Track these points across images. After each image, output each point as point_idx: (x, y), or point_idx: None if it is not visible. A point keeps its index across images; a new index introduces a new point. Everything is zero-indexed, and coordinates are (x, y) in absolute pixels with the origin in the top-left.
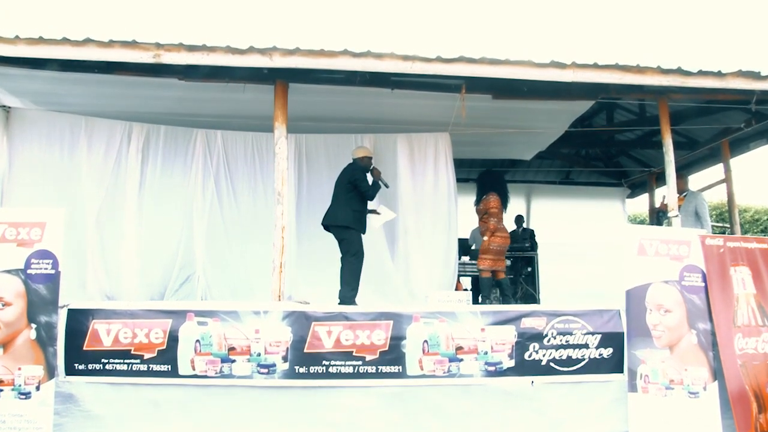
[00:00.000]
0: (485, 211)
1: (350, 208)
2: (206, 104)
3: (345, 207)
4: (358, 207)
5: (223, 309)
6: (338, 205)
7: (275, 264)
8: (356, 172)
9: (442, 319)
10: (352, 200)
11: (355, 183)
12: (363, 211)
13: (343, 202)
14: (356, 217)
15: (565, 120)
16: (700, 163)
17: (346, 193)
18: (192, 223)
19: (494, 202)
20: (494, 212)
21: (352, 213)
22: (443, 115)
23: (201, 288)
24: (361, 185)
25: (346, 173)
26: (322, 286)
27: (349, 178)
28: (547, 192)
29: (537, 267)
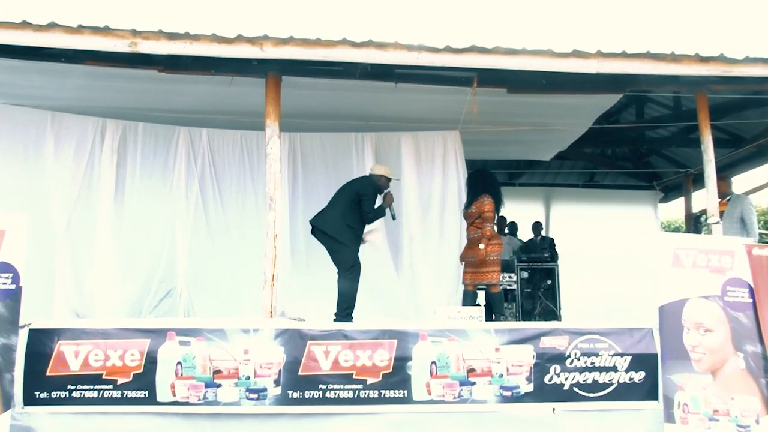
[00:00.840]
0: (479, 214)
1: (345, 221)
2: (190, 99)
3: (340, 218)
4: (354, 223)
5: (208, 327)
6: (333, 212)
7: (267, 276)
8: (367, 187)
9: (451, 337)
10: (350, 214)
11: (360, 198)
12: (357, 229)
13: (339, 211)
14: (349, 233)
15: (589, 116)
16: (746, 163)
17: (347, 203)
18: (174, 231)
19: (490, 205)
20: (489, 216)
21: (345, 227)
22: (452, 112)
23: (183, 303)
24: (366, 203)
25: (356, 184)
26: (319, 300)
27: (358, 189)
28: (569, 196)
29: (557, 280)
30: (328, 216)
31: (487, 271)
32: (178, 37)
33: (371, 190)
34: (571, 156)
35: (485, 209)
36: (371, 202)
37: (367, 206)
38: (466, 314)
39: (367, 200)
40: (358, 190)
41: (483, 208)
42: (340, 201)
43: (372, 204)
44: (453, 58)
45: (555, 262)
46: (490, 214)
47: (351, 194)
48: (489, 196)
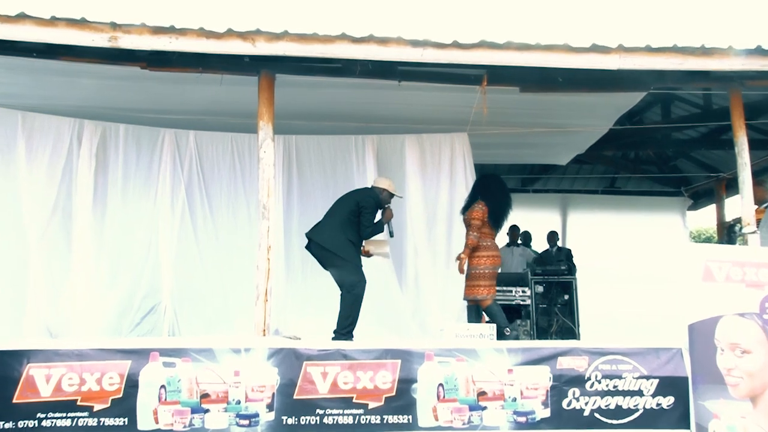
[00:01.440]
0: (469, 222)
1: (345, 235)
2: (176, 99)
3: (339, 231)
4: (352, 237)
5: (195, 346)
6: (331, 225)
7: (259, 291)
8: (369, 199)
9: (460, 357)
10: (350, 227)
11: (361, 210)
12: (356, 243)
13: (339, 223)
14: (349, 248)
15: (610, 116)
16: None
17: (347, 215)
18: (158, 242)
19: (477, 213)
20: (475, 224)
21: (345, 242)
22: (460, 112)
23: (168, 321)
24: (366, 216)
25: (357, 195)
26: (316, 317)
27: (359, 201)
28: (588, 203)
29: (575, 294)
30: (325, 228)
31: (473, 285)
32: (163, 31)
33: (372, 203)
34: (589, 159)
35: (471, 216)
36: (371, 216)
37: (367, 219)
38: (475, 332)
39: (368, 213)
40: (360, 201)
41: (469, 215)
42: (339, 212)
43: (372, 218)
44: (461, 54)
45: (572, 275)
46: (476, 221)
47: (351, 205)
48: (482, 202)
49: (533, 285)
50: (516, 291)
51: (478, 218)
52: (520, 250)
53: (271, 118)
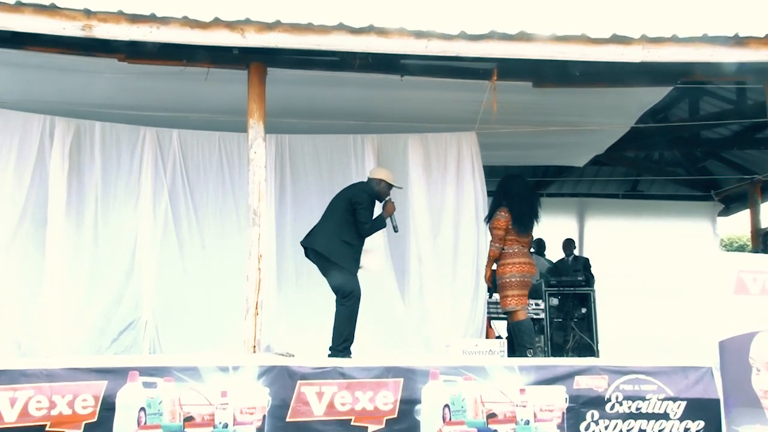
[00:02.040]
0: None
1: (339, 237)
2: (158, 94)
3: (333, 233)
4: (350, 238)
5: (179, 364)
6: (325, 228)
7: (249, 304)
8: (362, 194)
9: (468, 376)
10: (346, 227)
11: (355, 207)
12: (355, 246)
13: (332, 225)
14: (345, 251)
15: (632, 113)
16: None
17: (341, 215)
18: (139, 251)
19: (498, 222)
20: (496, 234)
21: (340, 244)
22: (468, 110)
23: (149, 337)
24: (362, 213)
25: (349, 191)
26: (311, 332)
27: (352, 197)
28: (607, 208)
29: (594, 307)
30: (319, 232)
31: (502, 295)
32: (142, 20)
33: (367, 198)
34: (609, 161)
35: (492, 225)
36: (368, 212)
37: (363, 216)
38: (484, 348)
39: (363, 209)
40: (352, 197)
41: (491, 224)
42: (333, 213)
43: (369, 214)
44: (468, 46)
45: (591, 287)
46: (498, 231)
47: (344, 203)
48: (504, 209)
49: (547, 297)
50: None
51: (500, 227)
52: (533, 259)
53: (263, 116)
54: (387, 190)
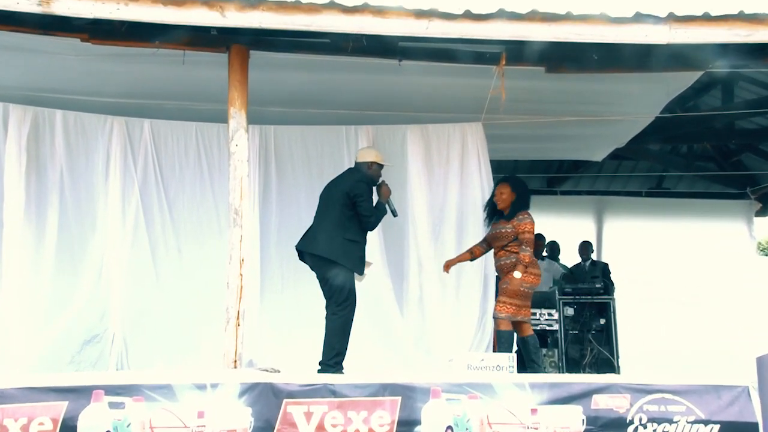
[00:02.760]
0: (515, 235)
1: (341, 235)
2: (127, 79)
3: (333, 232)
4: (353, 235)
5: (149, 382)
6: (323, 228)
7: (230, 314)
8: (360, 184)
9: (473, 394)
10: (348, 223)
11: (355, 200)
12: (360, 242)
13: (331, 224)
14: (348, 250)
15: (657, 102)
16: None
17: (339, 210)
18: (105, 254)
19: (531, 225)
20: (530, 239)
21: (342, 243)
22: (474, 98)
23: (116, 351)
24: (363, 205)
25: (344, 183)
26: (299, 346)
27: (350, 190)
28: (629, 207)
29: (614, 318)
30: (318, 234)
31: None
32: None
33: (365, 188)
34: (631, 155)
35: (526, 229)
36: (369, 203)
37: (366, 208)
38: (492, 363)
39: (363, 201)
40: (350, 190)
41: (523, 228)
42: (329, 210)
43: (370, 204)
44: (474, 26)
45: (610, 295)
46: (531, 236)
47: (341, 198)
48: (529, 213)
49: (562, 307)
50: (541, 314)
51: (533, 231)
52: (545, 264)
53: (245, 104)
54: (379, 171)
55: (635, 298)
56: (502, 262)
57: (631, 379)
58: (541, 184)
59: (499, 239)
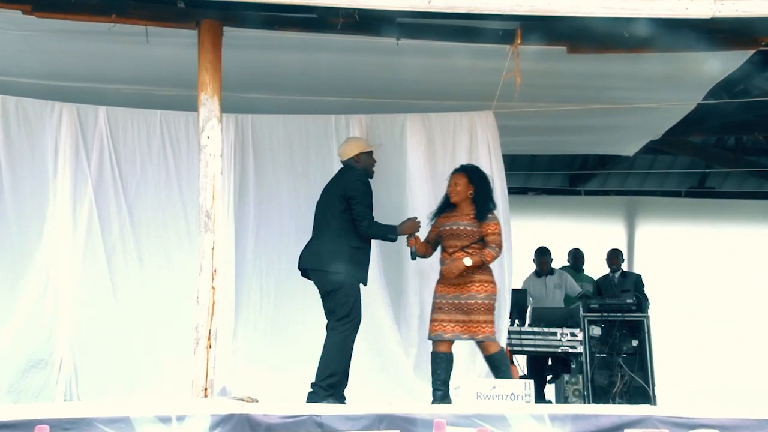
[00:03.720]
0: (480, 236)
1: (346, 243)
2: (79, 60)
3: (336, 242)
4: (357, 242)
5: (104, 415)
6: (325, 239)
7: (200, 334)
8: (356, 183)
9: (483, 427)
10: (349, 229)
11: (350, 201)
12: (364, 248)
13: (333, 233)
14: (354, 259)
15: (699, 86)
16: None
17: (339, 217)
18: (52, 265)
19: (500, 226)
20: (500, 242)
21: (346, 250)
22: (484, 83)
23: (64, 379)
24: (358, 207)
25: (337, 184)
26: (280, 371)
27: (343, 191)
28: (665, 210)
29: (648, 339)
30: (319, 246)
31: (481, 321)
32: None
33: (360, 186)
34: (668, 148)
35: (497, 231)
36: (364, 204)
37: (359, 211)
38: (505, 391)
39: (357, 202)
40: (345, 192)
41: (494, 229)
42: (328, 219)
43: (366, 206)
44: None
45: (644, 312)
46: (501, 238)
47: (338, 203)
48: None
49: (587, 325)
50: (563, 334)
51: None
52: (556, 278)
53: (218, 90)
54: (371, 160)
55: (673, 315)
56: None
57: (670, 411)
58: (563, 182)
59: (458, 238)
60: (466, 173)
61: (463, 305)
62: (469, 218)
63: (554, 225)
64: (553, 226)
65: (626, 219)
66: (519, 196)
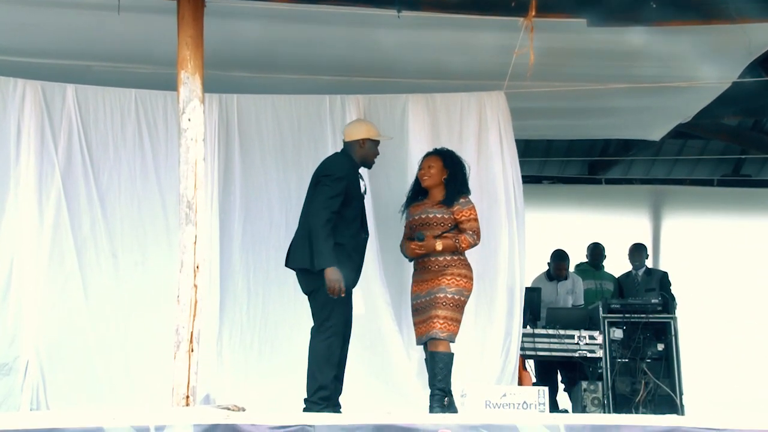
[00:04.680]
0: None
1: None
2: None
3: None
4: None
5: (75, 425)
6: (303, 232)
7: (181, 337)
8: (330, 166)
9: None
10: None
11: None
12: (345, 245)
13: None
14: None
15: (734, 62)
16: None
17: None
18: (16, 261)
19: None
20: (478, 228)
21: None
22: (494, 61)
23: (30, 385)
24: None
25: (320, 166)
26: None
27: (318, 172)
28: (695, 200)
29: (675, 343)
30: (297, 240)
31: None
32: None
33: (339, 170)
34: (700, 132)
35: (473, 216)
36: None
37: (319, 200)
38: (517, 399)
39: (324, 185)
40: (319, 171)
41: (469, 215)
42: (307, 207)
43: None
44: None
45: (671, 313)
46: (478, 224)
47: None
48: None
49: (608, 328)
50: (580, 337)
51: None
52: (569, 284)
53: (200, 67)
54: (375, 150)
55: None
56: (432, 257)
57: (699, 422)
58: (581, 170)
59: (429, 227)
60: (441, 156)
61: (432, 300)
62: (440, 205)
63: (572, 217)
64: (570, 218)
65: (651, 210)
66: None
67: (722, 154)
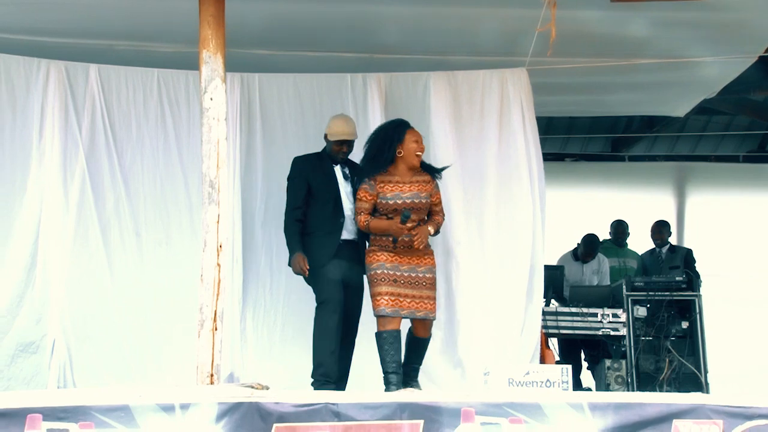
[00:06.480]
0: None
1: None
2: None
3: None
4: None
5: (101, 403)
6: None
7: (204, 315)
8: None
9: (515, 417)
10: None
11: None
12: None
13: None
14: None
15: (761, 35)
16: None
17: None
18: (42, 240)
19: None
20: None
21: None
22: (515, 36)
23: (57, 364)
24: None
25: None
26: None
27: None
28: (720, 177)
29: (700, 321)
30: None
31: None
32: None
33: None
34: (725, 108)
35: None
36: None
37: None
38: (540, 377)
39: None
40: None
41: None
42: None
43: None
44: None
45: (695, 291)
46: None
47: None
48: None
49: (631, 306)
50: (604, 315)
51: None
52: (594, 264)
53: (222, 46)
54: (336, 147)
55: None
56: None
57: (724, 400)
58: (604, 146)
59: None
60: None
61: (421, 279)
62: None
63: (595, 194)
64: (593, 195)
65: (676, 187)
66: (556, 162)
67: (747, 130)
